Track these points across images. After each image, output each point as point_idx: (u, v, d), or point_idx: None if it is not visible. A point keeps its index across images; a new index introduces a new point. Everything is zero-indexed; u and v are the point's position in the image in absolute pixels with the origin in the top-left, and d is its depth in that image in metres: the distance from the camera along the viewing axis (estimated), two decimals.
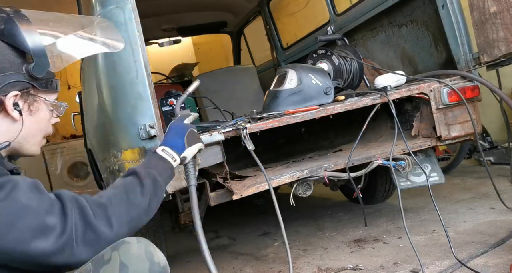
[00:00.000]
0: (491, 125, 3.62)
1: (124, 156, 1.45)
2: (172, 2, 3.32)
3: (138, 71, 1.41)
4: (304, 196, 1.81)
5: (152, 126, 1.39)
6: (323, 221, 2.58)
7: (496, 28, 1.77)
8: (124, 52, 1.42)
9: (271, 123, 1.71)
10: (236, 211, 3.35)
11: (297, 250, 2.13)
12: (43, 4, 4.75)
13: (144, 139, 1.41)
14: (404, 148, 1.85)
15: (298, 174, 1.75)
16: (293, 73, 2.17)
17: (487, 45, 1.83)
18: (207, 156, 1.51)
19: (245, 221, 2.97)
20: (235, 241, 2.54)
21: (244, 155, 1.73)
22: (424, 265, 1.59)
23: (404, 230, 1.61)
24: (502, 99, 1.87)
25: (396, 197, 2.72)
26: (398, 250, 1.88)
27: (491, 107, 3.46)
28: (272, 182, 1.66)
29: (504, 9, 1.72)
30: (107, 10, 1.47)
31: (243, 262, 2.13)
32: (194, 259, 2.31)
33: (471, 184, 2.79)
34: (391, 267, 1.71)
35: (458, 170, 3.25)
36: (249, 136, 1.57)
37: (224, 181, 1.62)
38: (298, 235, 2.37)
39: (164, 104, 1.96)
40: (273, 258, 2.09)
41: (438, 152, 3.50)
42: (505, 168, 3.01)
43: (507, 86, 3.27)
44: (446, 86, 1.88)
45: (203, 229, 1.19)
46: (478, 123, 1.96)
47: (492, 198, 2.31)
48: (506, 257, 1.58)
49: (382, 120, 2.21)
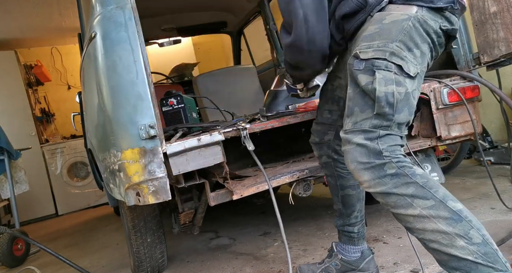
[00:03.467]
0: (491, 125, 3.62)
1: (124, 156, 1.45)
2: (172, 2, 3.31)
3: (138, 71, 1.41)
4: (304, 196, 1.81)
5: (152, 126, 1.39)
6: (323, 221, 2.58)
7: (496, 28, 1.77)
8: (124, 52, 1.42)
9: (271, 123, 1.71)
10: (236, 211, 3.35)
11: (297, 250, 2.13)
12: (44, 4, 4.76)
13: (144, 139, 1.40)
14: (404, 148, 1.85)
15: (298, 174, 1.75)
16: None
17: (487, 45, 1.83)
18: (207, 156, 1.51)
19: (245, 221, 2.97)
20: (235, 241, 2.54)
21: (244, 155, 1.73)
22: (424, 265, 1.59)
23: (404, 230, 1.61)
24: (502, 99, 1.87)
25: None
26: (398, 250, 1.89)
27: (491, 107, 3.46)
28: (272, 182, 1.66)
29: (504, 9, 1.72)
30: (107, 10, 1.47)
31: (243, 262, 2.13)
32: (194, 259, 2.31)
33: (471, 184, 2.79)
34: (391, 267, 1.71)
35: (458, 170, 3.25)
36: (249, 136, 1.57)
37: (224, 181, 1.62)
38: (298, 235, 2.37)
39: (164, 104, 1.97)
40: (273, 258, 2.09)
41: (438, 152, 3.50)
42: (505, 168, 3.01)
43: (507, 86, 3.28)
44: (446, 86, 1.88)
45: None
46: (478, 123, 1.96)
47: (492, 198, 2.31)
48: (506, 257, 1.58)
49: None
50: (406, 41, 1.11)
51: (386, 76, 1.08)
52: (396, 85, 1.08)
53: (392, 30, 1.11)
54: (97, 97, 1.54)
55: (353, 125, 1.15)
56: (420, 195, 1.05)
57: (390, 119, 1.10)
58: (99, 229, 3.98)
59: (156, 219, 2.05)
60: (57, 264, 2.79)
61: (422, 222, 1.04)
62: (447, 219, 1.01)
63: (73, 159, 5.58)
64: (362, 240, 1.65)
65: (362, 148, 1.12)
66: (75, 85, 6.57)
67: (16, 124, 5.17)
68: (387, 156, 1.09)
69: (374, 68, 1.09)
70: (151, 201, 1.43)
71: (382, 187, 1.09)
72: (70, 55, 6.55)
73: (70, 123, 3.07)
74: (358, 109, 1.14)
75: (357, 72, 1.13)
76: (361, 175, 1.13)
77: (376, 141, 1.11)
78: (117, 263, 2.59)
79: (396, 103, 1.08)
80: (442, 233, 1.01)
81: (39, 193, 5.29)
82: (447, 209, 1.02)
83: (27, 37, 5.90)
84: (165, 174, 1.43)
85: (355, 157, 1.13)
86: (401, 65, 1.09)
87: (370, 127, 1.11)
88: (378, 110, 1.09)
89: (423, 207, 1.04)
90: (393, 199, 1.08)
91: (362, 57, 1.12)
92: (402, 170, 1.08)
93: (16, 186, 3.59)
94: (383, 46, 1.10)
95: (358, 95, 1.14)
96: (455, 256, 1.00)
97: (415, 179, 1.07)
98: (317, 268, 1.68)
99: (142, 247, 2.01)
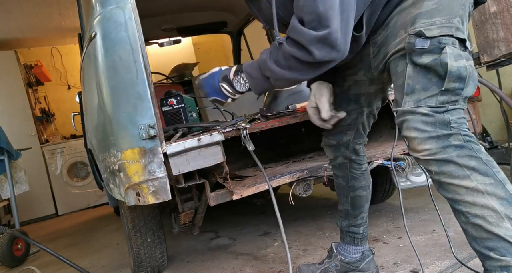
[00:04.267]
0: (491, 125, 3.62)
1: (124, 156, 1.45)
2: (172, 2, 3.31)
3: (138, 71, 1.41)
4: (304, 196, 1.81)
5: (152, 126, 1.39)
6: (323, 221, 2.58)
7: (496, 28, 1.77)
8: (124, 52, 1.42)
9: (271, 123, 1.71)
10: (236, 211, 3.35)
11: (297, 250, 2.13)
12: (44, 4, 4.76)
13: (144, 139, 1.40)
14: (404, 148, 1.85)
15: (298, 174, 1.75)
16: None
17: (487, 45, 1.83)
18: (207, 156, 1.51)
19: (245, 221, 2.97)
20: (235, 241, 2.54)
21: (244, 155, 1.73)
22: (424, 265, 1.59)
23: (404, 230, 1.61)
24: (502, 99, 1.87)
25: (396, 197, 2.73)
26: (398, 250, 1.89)
27: (491, 107, 3.46)
28: (272, 182, 1.66)
29: (504, 9, 1.72)
30: (107, 10, 1.47)
31: (243, 262, 2.13)
32: (194, 259, 2.31)
33: None
34: (391, 267, 1.71)
35: None
36: (249, 136, 1.57)
37: (224, 181, 1.62)
38: (298, 235, 2.37)
39: (164, 104, 1.96)
40: (273, 258, 2.09)
41: None
42: (505, 168, 3.01)
43: (507, 86, 3.28)
44: None
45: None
46: (478, 123, 1.96)
47: None
48: None
49: (382, 120, 2.20)
50: (463, 16, 1.11)
51: (454, 52, 1.06)
52: (466, 60, 1.07)
53: (453, 5, 1.10)
54: (97, 97, 1.54)
55: (416, 103, 1.11)
56: (482, 170, 1.04)
57: (459, 93, 1.08)
58: (99, 229, 3.98)
59: (156, 219, 2.05)
60: (57, 264, 2.79)
61: (475, 195, 1.03)
62: (502, 199, 1.01)
63: (73, 159, 5.59)
64: (365, 241, 1.64)
65: (429, 118, 1.08)
66: (75, 85, 6.57)
67: (16, 124, 5.17)
68: (455, 128, 1.07)
69: (441, 45, 1.07)
70: (151, 201, 1.43)
71: (443, 155, 1.07)
72: (70, 55, 6.56)
73: (70, 123, 3.08)
74: (420, 86, 1.10)
75: (421, 51, 1.09)
76: (423, 144, 1.09)
77: (444, 113, 1.08)
78: (117, 263, 2.59)
79: (468, 77, 1.07)
80: (492, 211, 1.01)
81: (39, 193, 5.29)
82: (504, 190, 1.02)
83: (27, 37, 5.90)
84: (165, 174, 1.42)
85: (418, 126, 1.09)
86: (464, 39, 1.08)
87: (437, 104, 1.08)
88: (448, 86, 1.07)
89: (481, 182, 1.03)
90: (451, 168, 1.06)
91: (427, 35, 1.08)
92: (468, 144, 1.06)
93: (16, 186, 3.59)
94: (448, 22, 1.08)
95: (420, 72, 1.11)
96: (497, 235, 1.00)
97: (479, 155, 1.05)
98: (316, 268, 1.68)
99: (142, 247, 2.01)
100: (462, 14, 1.11)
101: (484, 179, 1.03)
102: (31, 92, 5.75)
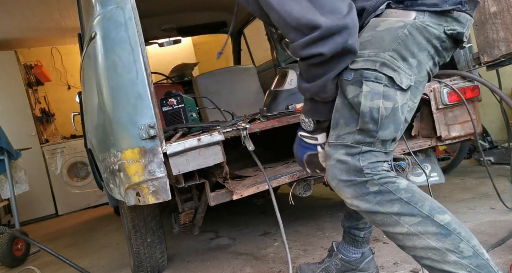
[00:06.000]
0: (491, 125, 3.62)
1: (124, 156, 1.45)
2: (172, 2, 3.31)
3: (138, 71, 1.41)
4: (304, 196, 1.81)
5: (152, 126, 1.39)
6: (323, 221, 2.58)
7: (496, 28, 1.77)
8: (124, 52, 1.42)
9: (271, 123, 1.71)
10: (236, 211, 3.36)
11: (297, 250, 2.13)
12: (44, 4, 4.76)
13: (144, 139, 1.40)
14: (404, 148, 1.85)
15: (298, 174, 1.75)
16: (293, 73, 2.18)
17: (487, 45, 1.83)
18: (207, 156, 1.51)
19: (245, 221, 2.97)
20: (235, 241, 2.54)
21: (244, 155, 1.73)
22: None
23: None
24: (502, 99, 1.87)
25: None
26: (398, 250, 1.88)
27: (491, 107, 3.46)
28: (272, 182, 1.66)
29: (504, 9, 1.72)
30: (107, 10, 1.47)
31: (243, 262, 2.13)
32: (194, 259, 2.31)
33: (471, 184, 2.78)
34: (391, 267, 1.71)
35: (458, 170, 3.25)
36: (249, 136, 1.57)
37: (224, 181, 1.62)
38: (298, 235, 2.37)
39: (164, 104, 1.97)
40: (273, 258, 2.09)
41: (438, 152, 3.51)
42: (505, 168, 3.01)
43: (507, 86, 3.28)
44: (446, 86, 1.88)
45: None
46: (478, 123, 1.96)
47: (492, 198, 2.31)
48: (506, 257, 1.58)
49: None
50: (401, 50, 1.04)
51: (374, 89, 1.02)
52: (384, 99, 1.02)
53: (385, 38, 1.04)
54: (97, 97, 1.54)
55: (336, 139, 1.11)
56: (406, 212, 1.03)
57: (373, 135, 1.05)
58: (99, 229, 3.98)
59: (156, 219, 2.05)
60: (57, 264, 2.79)
61: (412, 239, 1.02)
62: (436, 235, 0.99)
63: (73, 159, 5.58)
64: (365, 244, 1.64)
65: (343, 165, 1.08)
66: (75, 85, 6.57)
67: (16, 124, 5.17)
68: (368, 174, 1.06)
69: (362, 79, 1.03)
70: (151, 201, 1.43)
71: (366, 204, 1.07)
72: (70, 55, 6.55)
73: (70, 123, 3.08)
74: (343, 121, 1.09)
75: (346, 83, 1.06)
76: (343, 192, 1.10)
77: (358, 157, 1.07)
78: (117, 263, 2.59)
79: (381, 120, 1.03)
80: (433, 250, 0.99)
81: (39, 193, 5.29)
82: (434, 224, 1.00)
83: (27, 37, 5.90)
84: (165, 174, 1.42)
85: (335, 174, 1.10)
86: (392, 77, 1.02)
87: (353, 142, 1.07)
88: (362, 126, 1.05)
89: (411, 224, 1.02)
90: (379, 217, 1.06)
91: (351, 67, 1.05)
92: (385, 187, 1.05)
93: (16, 186, 3.59)
94: (374, 56, 1.03)
95: (345, 107, 1.09)
96: (448, 272, 0.98)
97: (399, 195, 1.04)
98: (317, 267, 1.68)
99: (142, 247, 2.01)
100: (399, 49, 1.03)
101: (412, 220, 1.02)
102: (31, 92, 5.75)
